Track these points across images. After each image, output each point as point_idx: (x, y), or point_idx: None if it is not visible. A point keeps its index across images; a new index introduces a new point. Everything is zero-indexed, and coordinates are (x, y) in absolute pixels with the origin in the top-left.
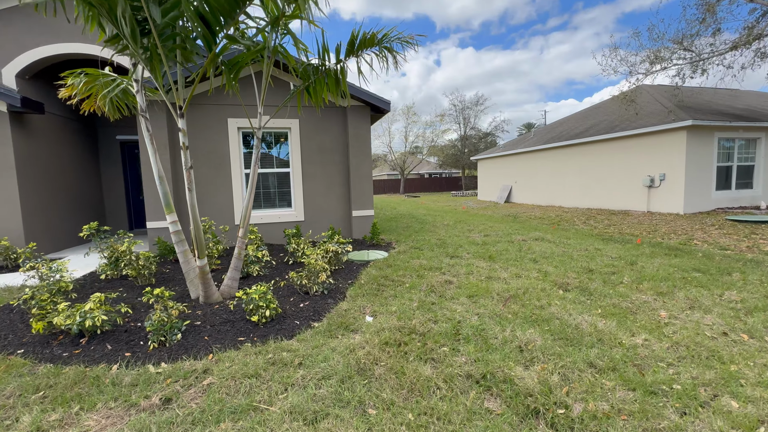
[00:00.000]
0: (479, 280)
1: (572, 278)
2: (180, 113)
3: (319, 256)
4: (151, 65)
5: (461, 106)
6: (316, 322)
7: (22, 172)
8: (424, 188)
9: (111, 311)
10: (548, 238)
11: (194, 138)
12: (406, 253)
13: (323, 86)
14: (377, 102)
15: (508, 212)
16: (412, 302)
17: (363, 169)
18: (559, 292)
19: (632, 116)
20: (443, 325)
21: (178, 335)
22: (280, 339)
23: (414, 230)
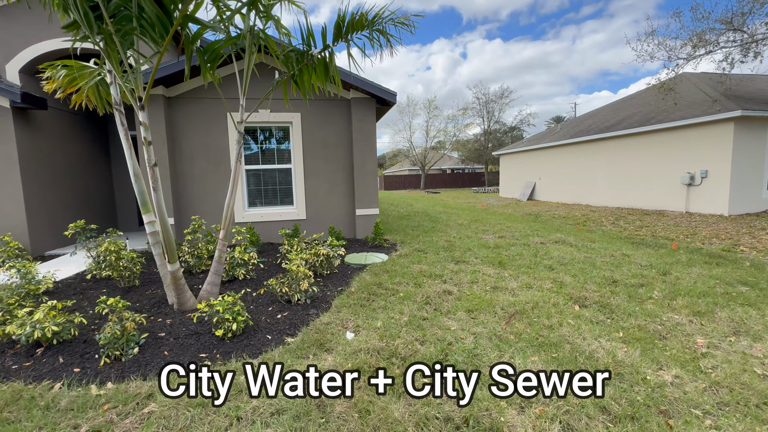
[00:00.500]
0: (483, 291)
1: (592, 291)
2: (140, 105)
3: (301, 261)
4: (108, 52)
5: (485, 99)
6: (291, 337)
7: (26, 168)
8: (445, 184)
9: (65, 322)
10: (570, 241)
11: (192, 133)
12: (408, 257)
13: (311, 75)
14: (382, 93)
15: (529, 211)
16: (401, 316)
17: (368, 165)
18: (574, 308)
19: (670, 107)
20: (430, 348)
21: (134, 349)
22: (244, 357)
23: (424, 230)
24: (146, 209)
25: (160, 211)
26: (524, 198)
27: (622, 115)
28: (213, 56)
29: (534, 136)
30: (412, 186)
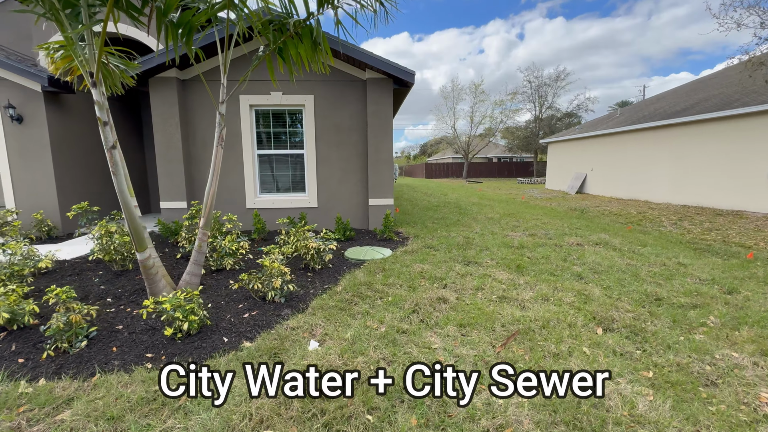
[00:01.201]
0: (487, 301)
1: (624, 310)
2: (92, 81)
3: (279, 256)
4: (57, 18)
5: (537, 82)
6: (249, 341)
7: (58, 150)
8: (490, 173)
9: (18, 309)
10: (614, 243)
11: (205, 116)
12: (414, 254)
13: (296, 48)
14: (399, 73)
15: (575, 205)
16: (379, 326)
17: (382, 151)
18: (595, 332)
19: (760, 87)
20: (395, 371)
21: (83, 343)
22: (189, 362)
23: (446, 223)
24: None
25: (122, 196)
26: (572, 191)
27: (697, 98)
28: (187, 30)
29: (588, 123)
30: (455, 175)
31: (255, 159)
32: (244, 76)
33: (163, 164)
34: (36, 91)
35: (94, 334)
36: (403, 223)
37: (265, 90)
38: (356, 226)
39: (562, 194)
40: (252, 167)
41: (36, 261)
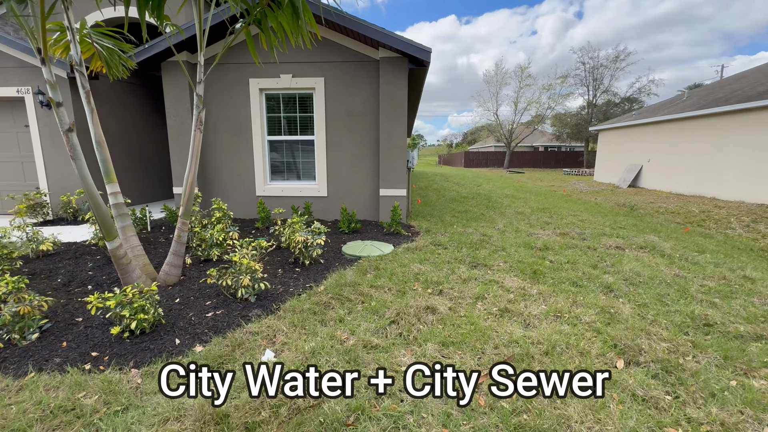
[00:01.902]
0: (484, 314)
1: (658, 337)
2: (40, 58)
3: (248, 253)
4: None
5: (592, 64)
6: (202, 345)
7: (85, 135)
8: (534, 163)
9: None
10: (663, 247)
11: (216, 101)
12: (417, 252)
13: (277, 18)
14: (413, 51)
15: (625, 200)
16: (348, 338)
17: (395, 137)
18: (613, 365)
19: None
20: (334, 407)
21: (34, 335)
22: (125, 369)
23: (467, 218)
24: (109, 179)
25: (85, 182)
26: (624, 184)
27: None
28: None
29: (647, 108)
30: (495, 164)
31: (265, 145)
32: (221, 53)
33: (175, 149)
34: (62, 77)
35: (47, 326)
36: (420, 216)
37: (274, 72)
38: (367, 218)
39: (611, 188)
40: (262, 154)
41: (38, 243)
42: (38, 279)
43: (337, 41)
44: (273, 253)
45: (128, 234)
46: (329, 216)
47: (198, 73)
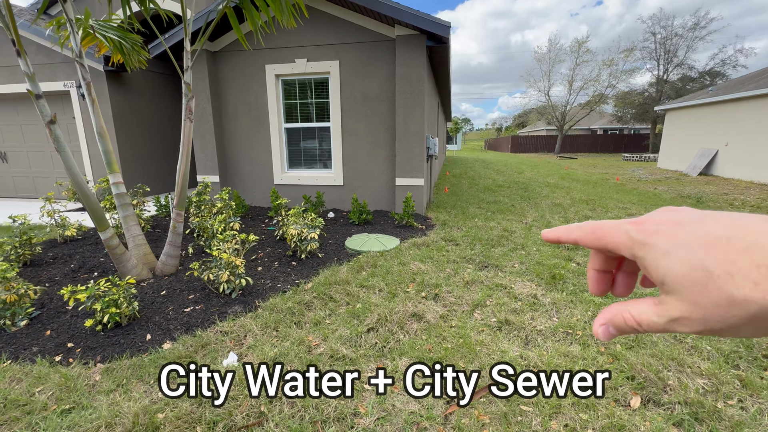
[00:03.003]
0: (481, 326)
1: (693, 371)
2: (15, 50)
3: (229, 247)
4: None
5: (664, 34)
6: (169, 342)
7: (121, 124)
8: (590, 147)
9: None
10: None
11: (235, 88)
12: (423, 248)
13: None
14: (429, 26)
15: (691, 191)
16: (318, 345)
17: (412, 123)
18: (626, 403)
19: None
20: (274, 429)
21: (23, 322)
22: (90, 364)
23: (494, 210)
24: (111, 169)
25: (72, 173)
26: (694, 171)
27: None
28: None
29: (727, 84)
30: (546, 149)
31: (282, 133)
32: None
33: (197, 138)
34: (99, 71)
35: (35, 314)
36: (441, 207)
37: (289, 57)
38: (383, 208)
39: (677, 175)
40: (279, 142)
41: (64, 229)
42: (56, 263)
43: (352, 20)
44: (275, 244)
45: (130, 224)
46: (345, 206)
47: (185, 60)
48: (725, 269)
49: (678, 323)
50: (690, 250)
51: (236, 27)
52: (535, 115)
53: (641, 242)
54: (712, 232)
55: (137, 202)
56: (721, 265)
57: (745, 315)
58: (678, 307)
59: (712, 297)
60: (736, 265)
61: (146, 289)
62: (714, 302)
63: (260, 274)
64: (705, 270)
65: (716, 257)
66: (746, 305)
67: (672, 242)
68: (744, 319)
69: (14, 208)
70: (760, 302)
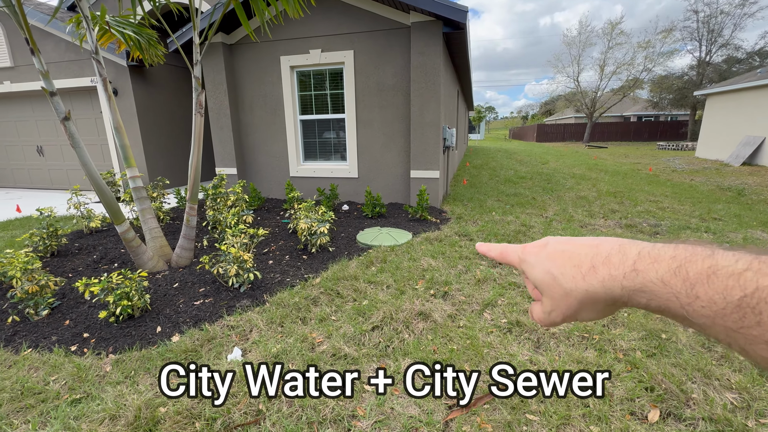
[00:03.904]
0: (491, 327)
1: (720, 383)
2: (30, 48)
3: (237, 242)
4: None
5: (707, 12)
6: (178, 335)
7: (144, 117)
8: (622, 136)
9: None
10: None
11: (251, 81)
12: (436, 243)
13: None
14: (446, 12)
15: (733, 182)
16: (322, 342)
17: (428, 113)
18: (641, 416)
19: None
20: (270, 429)
21: (44, 311)
22: (102, 355)
23: (513, 203)
24: (129, 163)
25: (87, 168)
26: (737, 161)
27: None
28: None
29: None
30: (574, 137)
31: (297, 125)
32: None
33: (215, 131)
34: (123, 66)
35: (56, 305)
36: (458, 200)
37: (304, 48)
38: (398, 201)
39: (717, 165)
40: (294, 134)
41: (89, 220)
42: (81, 254)
43: (366, 8)
44: (288, 237)
45: (147, 216)
46: (359, 198)
47: (194, 54)
48: (560, 272)
49: (551, 315)
50: (544, 262)
51: (244, 21)
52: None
53: (522, 260)
54: (557, 248)
55: (157, 195)
56: (558, 269)
57: (576, 301)
58: (547, 303)
59: (557, 292)
60: (565, 268)
61: (160, 281)
62: (560, 295)
63: (270, 268)
64: (551, 275)
65: (556, 265)
66: (575, 294)
67: (536, 259)
68: (578, 303)
69: (50, 200)
70: (580, 290)
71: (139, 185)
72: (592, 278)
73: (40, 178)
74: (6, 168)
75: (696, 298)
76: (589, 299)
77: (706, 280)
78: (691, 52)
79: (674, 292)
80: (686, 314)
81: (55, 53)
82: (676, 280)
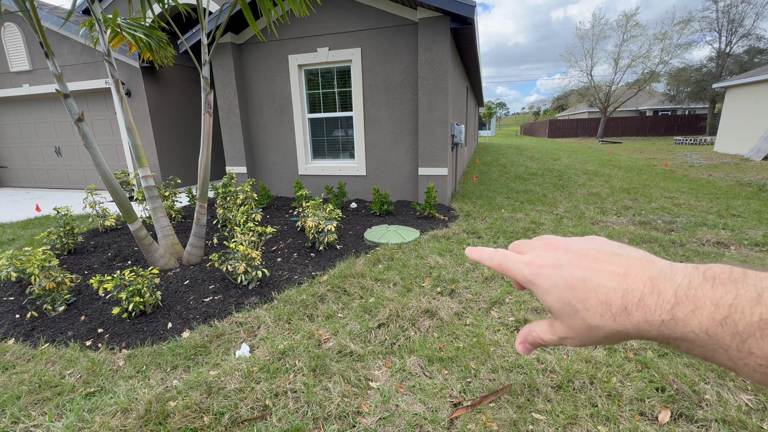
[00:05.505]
0: (498, 325)
1: (735, 384)
2: (44, 52)
3: (245, 239)
4: None
5: (728, 1)
6: (188, 331)
7: (157, 118)
8: (637, 130)
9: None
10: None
11: (260, 80)
12: (444, 240)
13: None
14: (454, 7)
15: (753, 178)
16: (328, 339)
17: (435, 110)
18: (651, 416)
19: None
20: (276, 424)
21: (61, 308)
22: (116, 350)
23: (523, 200)
24: (140, 163)
25: (100, 168)
26: (758, 155)
27: None
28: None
29: None
30: (587, 133)
31: (306, 123)
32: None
33: (225, 130)
34: (136, 67)
35: (72, 300)
36: (467, 197)
37: (311, 47)
38: (406, 198)
39: (737, 160)
40: (303, 132)
41: (104, 219)
42: (96, 252)
43: (372, 5)
44: (296, 235)
45: (158, 215)
46: (368, 196)
47: (202, 54)
48: (583, 306)
49: (565, 340)
50: (561, 290)
51: (251, 21)
52: (576, 96)
53: (530, 281)
54: (575, 275)
55: (169, 194)
56: (581, 303)
57: (601, 335)
58: (562, 329)
59: (578, 324)
60: (590, 303)
61: (171, 278)
62: (580, 327)
63: (278, 265)
64: (571, 306)
65: (577, 296)
66: (599, 330)
67: (550, 284)
68: (602, 337)
69: (67, 199)
70: (607, 328)
71: (151, 184)
72: (624, 320)
73: (58, 177)
74: (26, 168)
75: (749, 354)
76: (618, 337)
77: (759, 334)
78: (710, 43)
79: (721, 345)
80: (737, 369)
81: (71, 56)
82: (724, 333)
